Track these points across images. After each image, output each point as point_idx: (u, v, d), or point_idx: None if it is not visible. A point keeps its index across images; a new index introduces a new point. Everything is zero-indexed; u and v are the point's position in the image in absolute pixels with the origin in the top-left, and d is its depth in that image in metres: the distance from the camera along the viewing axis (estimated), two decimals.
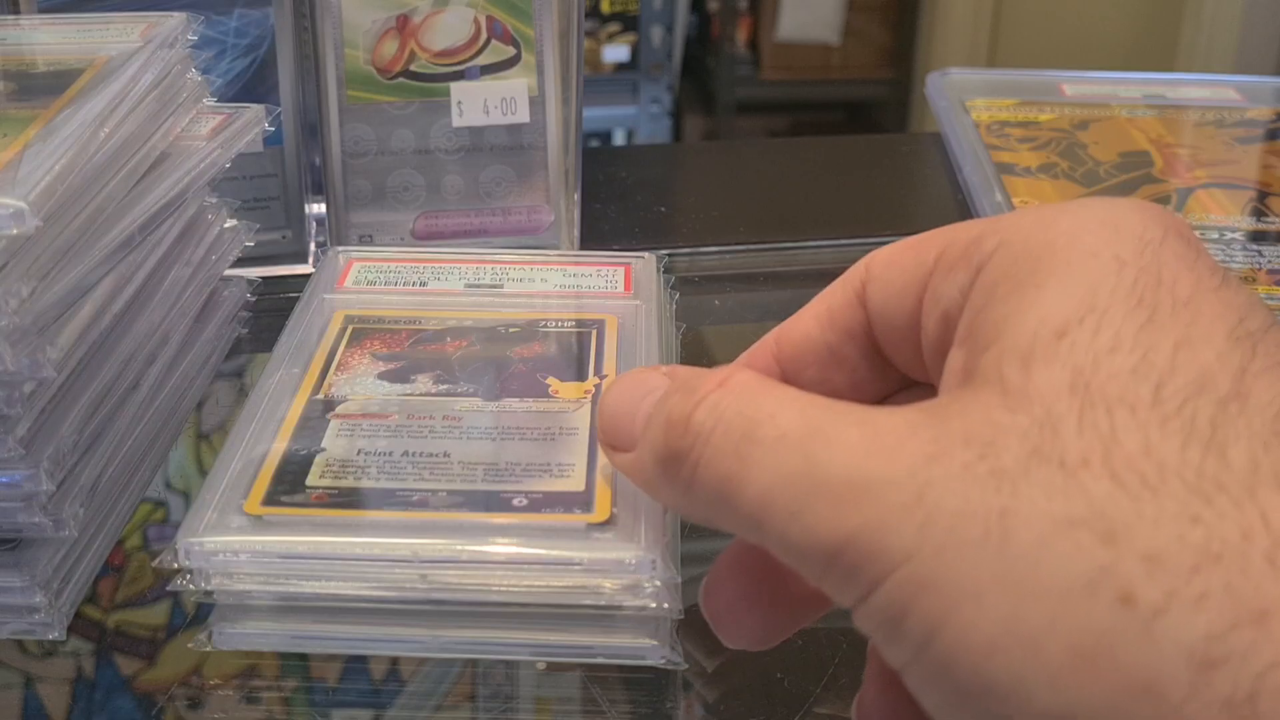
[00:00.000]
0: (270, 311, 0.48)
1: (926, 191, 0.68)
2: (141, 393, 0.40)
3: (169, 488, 0.45)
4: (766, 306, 0.59)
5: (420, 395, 0.37)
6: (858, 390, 0.28)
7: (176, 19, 0.42)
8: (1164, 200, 0.59)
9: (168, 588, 0.32)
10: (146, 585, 0.40)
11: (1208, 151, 0.64)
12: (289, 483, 0.33)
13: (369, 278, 0.44)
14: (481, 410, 0.36)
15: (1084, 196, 0.59)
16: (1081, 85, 0.71)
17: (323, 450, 0.34)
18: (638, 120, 2.32)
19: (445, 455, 0.34)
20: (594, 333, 0.40)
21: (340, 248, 0.46)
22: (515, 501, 0.32)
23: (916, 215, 0.65)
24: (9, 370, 0.32)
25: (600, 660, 0.32)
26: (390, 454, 0.34)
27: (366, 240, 0.55)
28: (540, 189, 0.55)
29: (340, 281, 0.44)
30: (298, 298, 0.43)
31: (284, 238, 0.56)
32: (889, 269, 0.27)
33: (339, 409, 0.36)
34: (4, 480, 0.33)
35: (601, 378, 0.38)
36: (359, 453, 0.34)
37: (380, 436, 0.35)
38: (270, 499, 0.32)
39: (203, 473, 0.46)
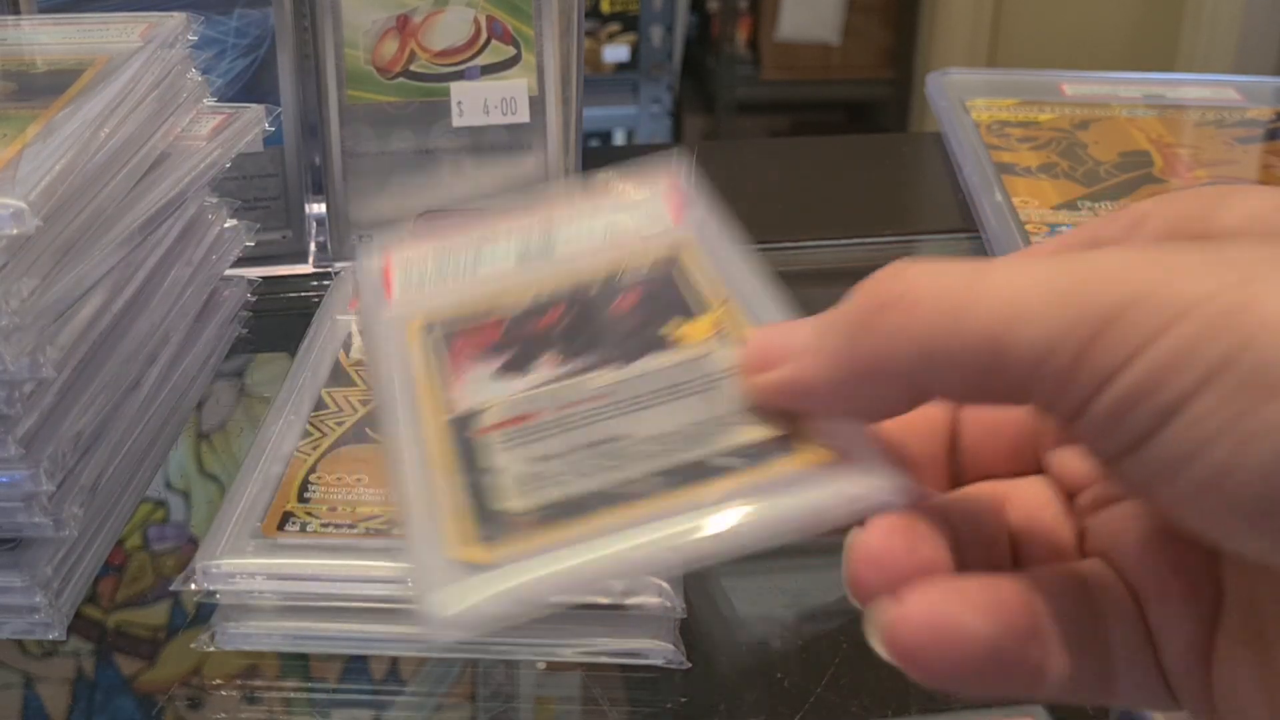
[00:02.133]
0: (270, 311, 0.48)
1: (926, 191, 0.68)
2: (142, 392, 0.40)
3: (169, 488, 0.45)
4: None
5: (553, 383, 0.34)
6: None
7: (176, 19, 0.42)
8: None
9: None
10: (147, 585, 0.40)
11: (1208, 151, 0.64)
12: (495, 520, 0.29)
13: (416, 277, 0.41)
14: (626, 379, 0.33)
15: (1086, 198, 0.59)
16: (1082, 85, 0.71)
17: (502, 470, 0.31)
18: (638, 120, 2.32)
19: (628, 436, 0.31)
20: (674, 269, 0.38)
21: (359, 261, 0.41)
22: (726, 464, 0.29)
23: (917, 215, 0.65)
24: (9, 370, 0.32)
25: (603, 660, 0.32)
26: (574, 451, 0.31)
27: (367, 240, 0.55)
28: (540, 189, 0.55)
29: (388, 292, 0.40)
30: (297, 296, 0.43)
31: (284, 237, 0.56)
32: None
33: (483, 420, 0.33)
34: (4, 480, 0.33)
35: (722, 305, 0.34)
36: (543, 458, 0.31)
37: (550, 436, 0.32)
38: (488, 539, 0.29)
39: (203, 473, 0.46)
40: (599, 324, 0.35)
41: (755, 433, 0.29)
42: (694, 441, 0.30)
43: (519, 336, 0.36)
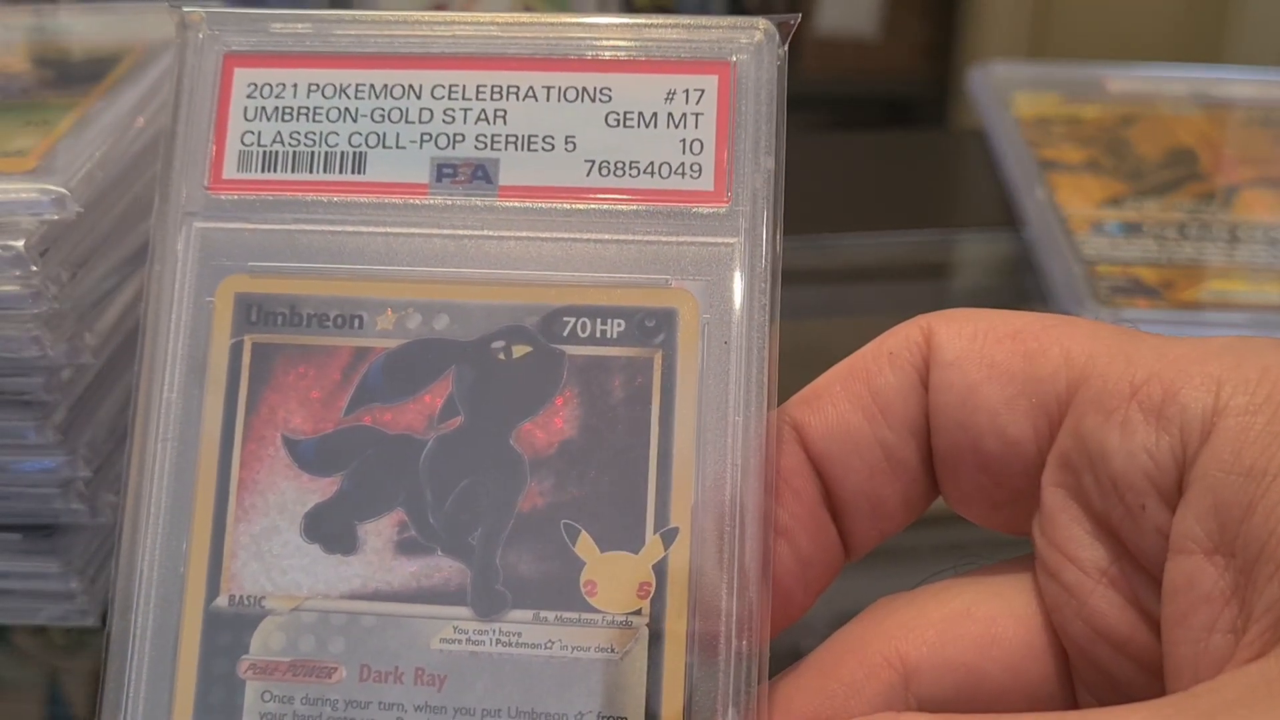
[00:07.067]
0: None
1: (967, 187, 0.67)
2: None
3: None
4: (801, 303, 0.58)
5: (372, 599, 0.18)
6: (908, 508, 0.22)
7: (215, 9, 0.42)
8: (1209, 198, 0.58)
9: None
10: None
11: (1255, 149, 0.63)
12: None
13: (268, 147, 0.20)
14: (477, 650, 0.18)
15: (1130, 196, 0.58)
16: (1127, 81, 0.70)
17: None
18: None
19: None
20: (658, 356, 0.20)
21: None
22: None
23: (957, 211, 0.65)
24: (48, 355, 0.32)
25: None
26: None
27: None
28: None
29: (217, 160, 0.20)
30: None
31: None
32: (979, 364, 0.21)
33: (256, 641, 0.18)
34: (41, 466, 0.33)
35: (667, 536, 0.19)
36: None
37: None
38: None
39: None
40: (488, 466, 0.18)
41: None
42: None
43: (358, 436, 0.18)
